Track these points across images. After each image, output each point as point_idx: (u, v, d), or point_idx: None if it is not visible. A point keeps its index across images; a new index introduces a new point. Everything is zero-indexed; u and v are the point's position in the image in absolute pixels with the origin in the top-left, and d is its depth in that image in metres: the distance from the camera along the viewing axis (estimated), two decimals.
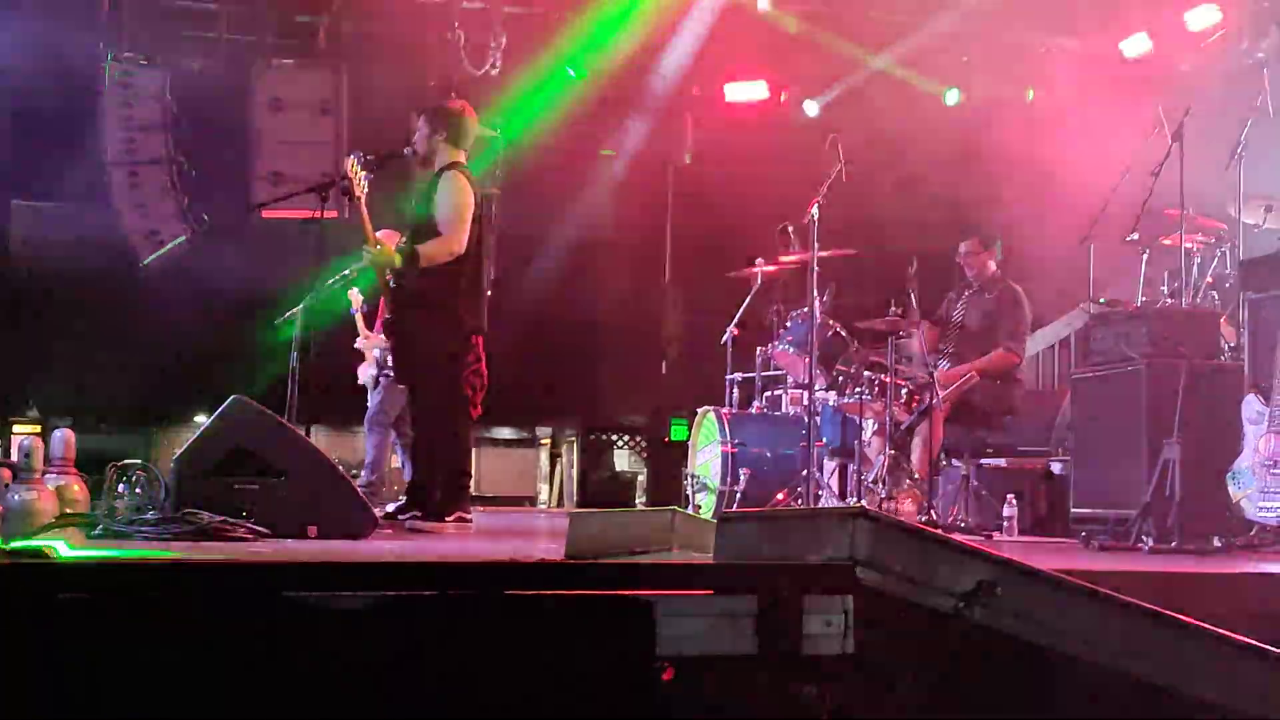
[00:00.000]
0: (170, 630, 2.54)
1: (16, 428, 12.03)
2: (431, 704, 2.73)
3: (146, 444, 12.64)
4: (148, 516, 4.86)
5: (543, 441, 14.11)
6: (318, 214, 6.95)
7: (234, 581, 2.60)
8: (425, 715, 2.73)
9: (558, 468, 14.02)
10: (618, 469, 13.92)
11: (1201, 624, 3.14)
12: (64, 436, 5.90)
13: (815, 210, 7.21)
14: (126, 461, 5.26)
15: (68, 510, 5.47)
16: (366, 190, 6.14)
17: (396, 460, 9.21)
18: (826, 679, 2.94)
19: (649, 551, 4.00)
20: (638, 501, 13.14)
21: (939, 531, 3.21)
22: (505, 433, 13.63)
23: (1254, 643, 3.21)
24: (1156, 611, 3.09)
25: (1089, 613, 3.04)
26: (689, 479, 8.44)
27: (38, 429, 12.22)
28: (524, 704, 2.73)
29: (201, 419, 13.13)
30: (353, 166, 6.07)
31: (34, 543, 3.75)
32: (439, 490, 6.28)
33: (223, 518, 4.85)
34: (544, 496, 13.94)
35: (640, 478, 13.63)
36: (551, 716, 2.74)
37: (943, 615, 3.05)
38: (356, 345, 8.66)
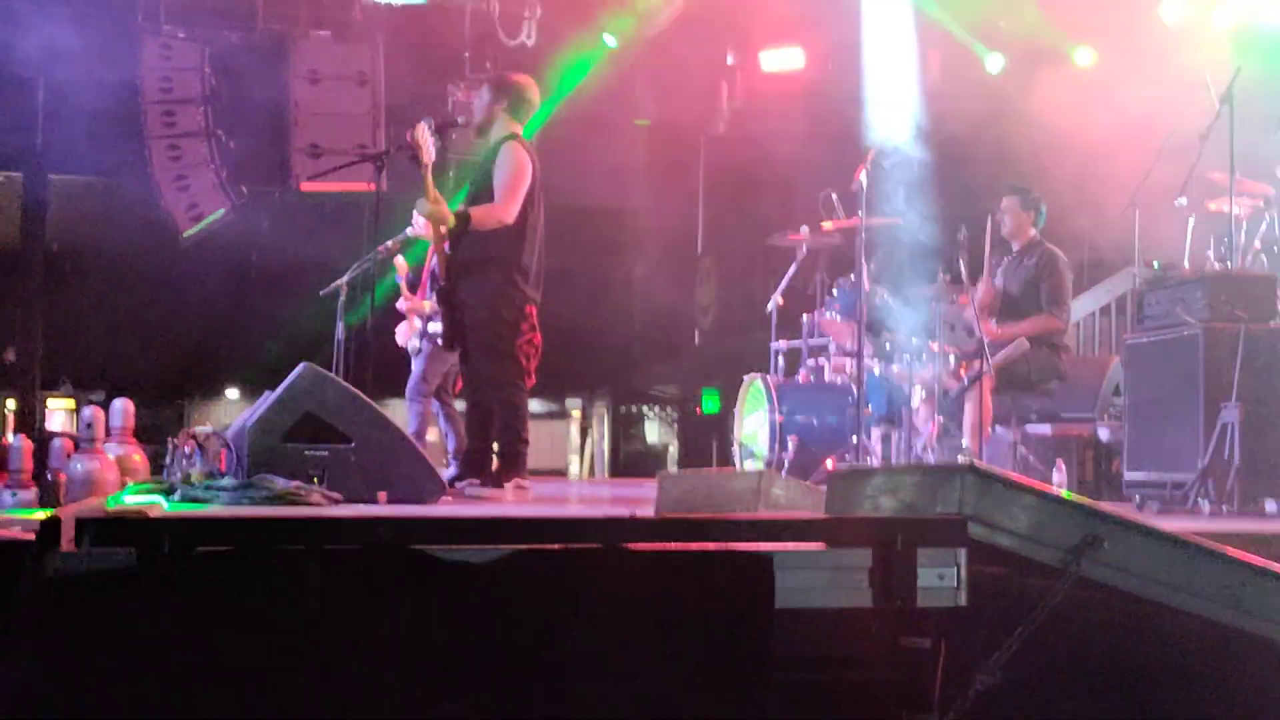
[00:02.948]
0: (304, 582, 2.57)
1: (51, 401, 12.08)
2: (551, 650, 2.77)
3: (178, 417, 12.67)
4: (223, 482, 4.89)
5: (573, 413, 14.11)
6: (360, 186, 6.98)
7: (368, 535, 2.62)
8: (543, 659, 2.77)
9: (588, 440, 14.01)
10: (649, 441, 13.92)
11: None
12: (123, 407, 5.95)
13: (864, 177, 7.20)
14: (198, 428, 5.30)
15: (128, 479, 5.53)
16: (434, 157, 6.19)
17: (434, 432, 9.20)
18: (939, 632, 2.96)
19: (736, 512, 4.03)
20: None
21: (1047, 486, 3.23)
22: (535, 405, 13.58)
23: None
24: (1264, 567, 3.10)
25: (1198, 567, 3.05)
26: (737, 447, 8.44)
27: (72, 403, 12.28)
28: (647, 653, 2.76)
29: (233, 393, 13.19)
30: (422, 132, 6.13)
31: (131, 503, 3.78)
32: (497, 457, 6.31)
33: (297, 483, 4.88)
34: (574, 469, 13.94)
35: (671, 449, 13.62)
36: (674, 666, 2.77)
37: (1051, 569, 3.07)
38: (398, 306, 8.66)
